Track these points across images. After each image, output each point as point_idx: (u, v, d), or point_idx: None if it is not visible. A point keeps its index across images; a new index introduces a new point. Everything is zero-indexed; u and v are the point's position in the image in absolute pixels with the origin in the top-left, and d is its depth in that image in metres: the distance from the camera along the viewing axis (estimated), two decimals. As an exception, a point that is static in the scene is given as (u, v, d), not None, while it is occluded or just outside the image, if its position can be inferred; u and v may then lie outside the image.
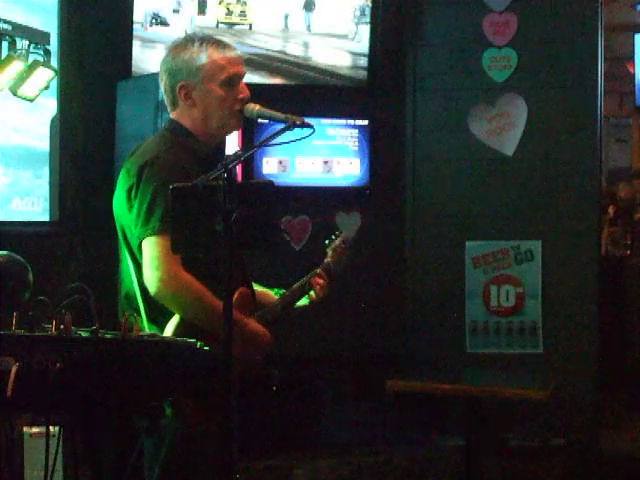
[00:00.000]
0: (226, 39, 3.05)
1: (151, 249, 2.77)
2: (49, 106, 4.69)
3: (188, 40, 2.93)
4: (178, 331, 2.76)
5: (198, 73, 2.88)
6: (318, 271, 3.32)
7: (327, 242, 3.47)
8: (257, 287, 3.19)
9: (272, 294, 3.26)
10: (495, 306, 5.46)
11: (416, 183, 5.60)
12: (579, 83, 5.41)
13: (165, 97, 2.97)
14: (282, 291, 3.27)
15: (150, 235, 2.77)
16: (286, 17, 5.34)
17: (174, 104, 2.95)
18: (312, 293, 3.27)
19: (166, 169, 2.81)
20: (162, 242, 2.73)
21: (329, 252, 3.42)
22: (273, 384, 3.34)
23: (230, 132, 2.98)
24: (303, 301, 3.30)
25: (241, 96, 2.88)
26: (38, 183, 4.71)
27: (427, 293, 5.53)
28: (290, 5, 5.37)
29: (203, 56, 2.88)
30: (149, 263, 2.77)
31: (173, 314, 2.81)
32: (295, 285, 3.27)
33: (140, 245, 2.80)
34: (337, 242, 3.47)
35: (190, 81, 2.89)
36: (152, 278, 2.76)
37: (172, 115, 2.97)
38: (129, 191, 2.86)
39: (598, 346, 5.38)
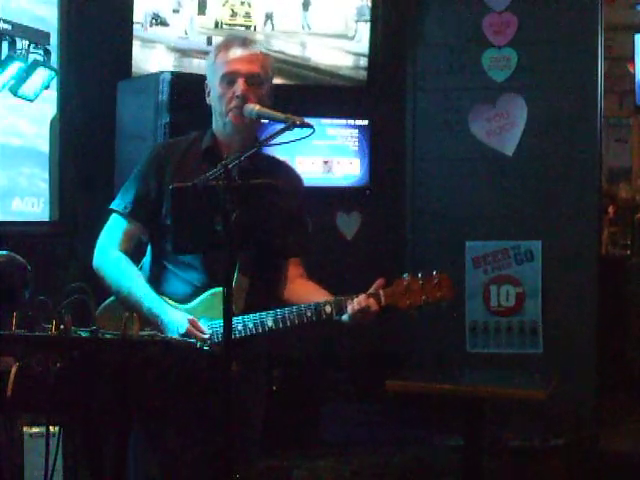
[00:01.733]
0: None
1: (106, 223, 3.01)
2: (49, 106, 4.69)
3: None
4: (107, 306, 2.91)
5: (208, 73, 2.97)
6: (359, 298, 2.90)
7: (406, 275, 3.02)
8: (326, 295, 2.98)
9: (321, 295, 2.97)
10: (495, 306, 5.46)
11: (416, 183, 5.60)
12: (579, 83, 5.41)
13: None
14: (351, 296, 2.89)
15: (110, 209, 3.01)
16: (270, 17, 5.35)
17: None
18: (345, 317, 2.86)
19: (147, 158, 3.00)
20: (112, 218, 3.00)
21: (394, 284, 3.00)
22: (273, 384, 3.34)
23: (233, 128, 2.96)
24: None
25: (236, 93, 2.89)
26: (38, 183, 4.71)
27: (427, 293, 5.52)
28: (290, 5, 5.38)
29: (212, 56, 2.97)
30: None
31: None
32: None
33: None
34: (417, 279, 3.01)
35: (207, 81, 2.98)
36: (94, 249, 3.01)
37: None
38: None
39: (598, 346, 5.38)
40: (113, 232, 2.97)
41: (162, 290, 2.89)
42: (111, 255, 2.94)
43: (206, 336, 2.76)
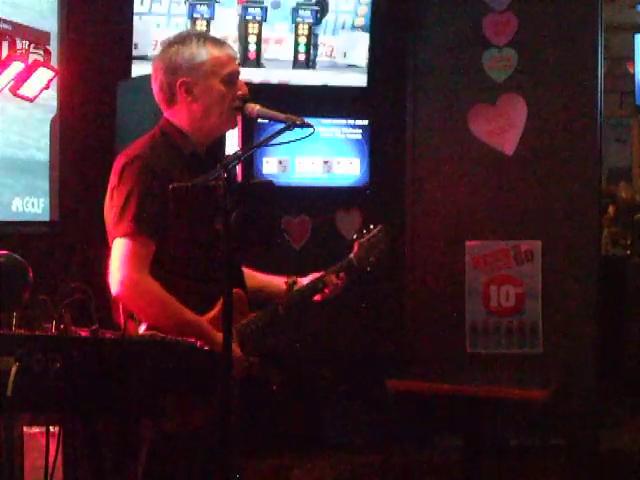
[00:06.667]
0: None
1: (118, 250, 2.78)
2: (49, 106, 4.69)
3: (185, 37, 2.92)
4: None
5: (200, 69, 2.88)
6: (336, 269, 3.23)
7: (355, 236, 3.34)
8: (264, 277, 3.18)
9: (279, 283, 3.17)
10: (495, 306, 5.46)
11: (416, 183, 5.60)
12: (579, 83, 5.41)
13: (161, 94, 2.94)
14: (293, 279, 3.16)
15: (119, 236, 2.78)
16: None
17: (171, 101, 2.93)
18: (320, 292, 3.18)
19: (144, 170, 2.81)
20: (129, 244, 2.76)
21: (355, 247, 3.30)
22: (273, 384, 3.33)
23: (228, 128, 2.97)
24: None
25: (240, 93, 2.89)
26: (38, 183, 4.71)
27: (427, 293, 5.53)
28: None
29: (204, 52, 2.88)
30: (114, 264, 2.77)
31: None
32: (307, 284, 3.17)
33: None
34: (367, 237, 3.33)
35: (191, 77, 2.89)
36: (114, 280, 2.76)
37: (166, 113, 2.97)
38: (112, 190, 2.88)
39: (598, 346, 5.38)
40: (134, 258, 2.77)
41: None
42: (150, 283, 2.77)
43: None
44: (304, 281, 3.20)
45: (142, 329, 2.76)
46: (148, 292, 2.75)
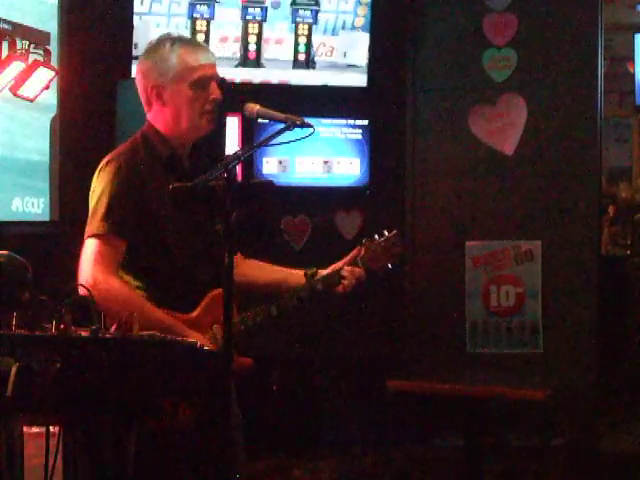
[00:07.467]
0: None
1: (87, 250, 2.82)
2: (49, 106, 4.69)
3: (161, 41, 2.94)
4: None
5: (168, 74, 2.88)
6: (347, 267, 3.14)
7: (364, 240, 3.22)
8: (283, 270, 3.14)
9: (299, 277, 3.12)
10: (495, 306, 5.46)
11: (416, 183, 5.60)
12: (579, 83, 5.41)
13: (141, 97, 2.98)
14: (313, 270, 3.12)
15: (89, 236, 2.83)
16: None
17: (148, 104, 2.96)
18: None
19: (118, 172, 2.86)
20: (98, 245, 2.80)
21: (363, 250, 3.18)
22: (273, 384, 3.34)
23: (202, 132, 2.95)
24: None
25: (212, 97, 2.89)
26: (38, 183, 4.71)
27: (427, 293, 5.53)
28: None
29: (173, 57, 2.88)
30: (82, 263, 2.81)
31: None
32: (324, 275, 3.11)
33: None
34: (379, 241, 3.22)
35: (161, 82, 2.90)
36: (81, 279, 2.79)
37: (148, 116, 2.99)
38: (91, 193, 2.96)
39: (598, 346, 5.38)
40: (102, 259, 2.80)
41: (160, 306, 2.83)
42: (116, 284, 2.80)
43: None
44: (324, 273, 3.15)
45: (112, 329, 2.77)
46: (112, 292, 2.76)
